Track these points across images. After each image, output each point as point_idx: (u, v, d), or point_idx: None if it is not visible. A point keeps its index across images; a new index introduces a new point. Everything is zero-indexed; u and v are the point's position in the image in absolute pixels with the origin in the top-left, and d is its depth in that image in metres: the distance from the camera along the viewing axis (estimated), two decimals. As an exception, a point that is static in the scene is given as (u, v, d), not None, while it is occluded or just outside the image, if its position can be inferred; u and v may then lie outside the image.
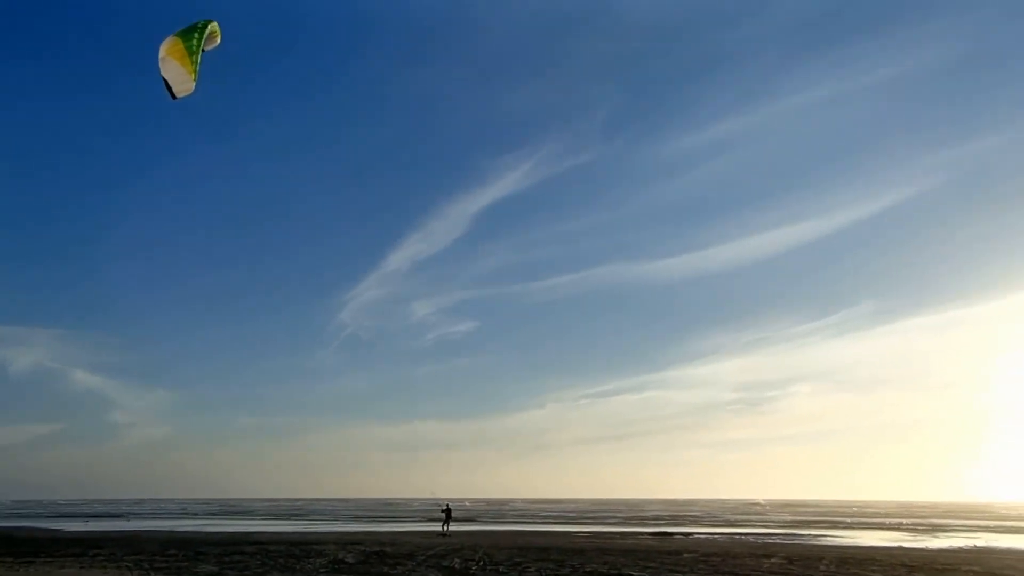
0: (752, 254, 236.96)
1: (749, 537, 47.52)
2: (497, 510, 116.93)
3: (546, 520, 78.28)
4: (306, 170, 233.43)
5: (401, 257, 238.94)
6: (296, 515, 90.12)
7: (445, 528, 44.99)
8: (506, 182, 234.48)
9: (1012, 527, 68.07)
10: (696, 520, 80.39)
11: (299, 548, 29.78)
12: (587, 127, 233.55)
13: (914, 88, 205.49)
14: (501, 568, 22.41)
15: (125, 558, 25.11)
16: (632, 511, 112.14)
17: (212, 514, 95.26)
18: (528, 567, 22.81)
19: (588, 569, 22.39)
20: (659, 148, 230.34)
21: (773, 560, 26.84)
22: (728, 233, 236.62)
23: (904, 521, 78.57)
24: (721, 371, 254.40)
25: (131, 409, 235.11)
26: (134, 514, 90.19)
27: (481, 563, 23.93)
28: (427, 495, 51.16)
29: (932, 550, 37.40)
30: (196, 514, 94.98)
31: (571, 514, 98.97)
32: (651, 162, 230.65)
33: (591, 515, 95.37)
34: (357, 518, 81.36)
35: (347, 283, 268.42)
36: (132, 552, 27.74)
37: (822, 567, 24.18)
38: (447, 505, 46.95)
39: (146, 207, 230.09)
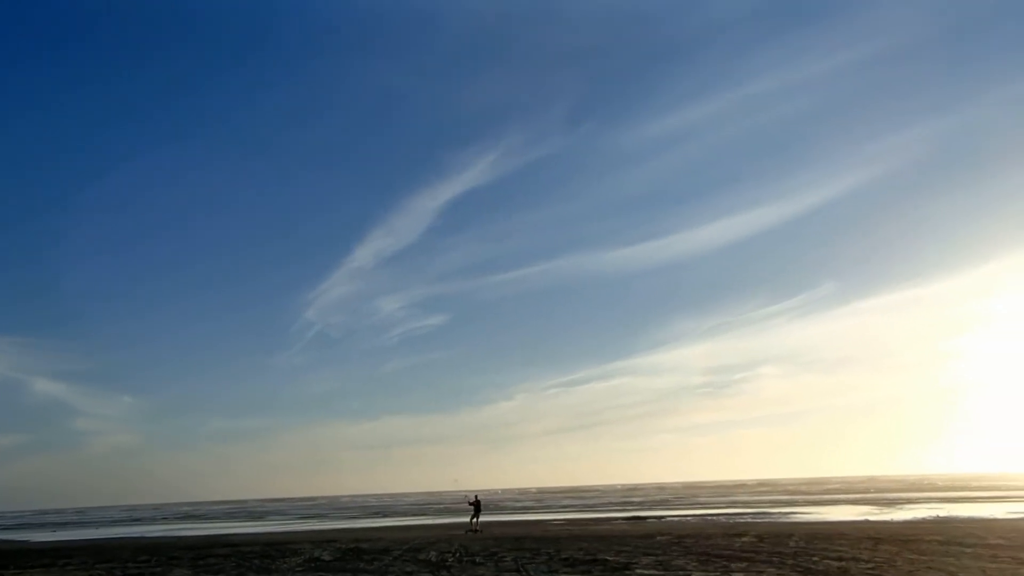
0: (714, 240, 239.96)
1: (721, 517, 48.29)
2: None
3: (519, 510, 78.66)
4: (267, 167, 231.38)
5: (366, 253, 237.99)
6: (269, 516, 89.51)
7: (475, 523, 40.69)
8: (469, 175, 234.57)
9: (970, 497, 69.95)
10: (669, 503, 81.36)
11: (273, 548, 29.67)
12: (548, 119, 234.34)
13: (868, 74, 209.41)
14: (477, 559, 22.57)
15: (96, 566, 24.82)
16: (605, 497, 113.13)
17: (183, 518, 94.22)
18: (504, 556, 22.99)
19: (564, 556, 22.63)
20: (619, 138, 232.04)
21: (745, 539, 27.33)
22: (690, 220, 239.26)
23: (870, 495, 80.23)
24: (688, 356, 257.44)
25: (96, 416, 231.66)
26: (103, 522, 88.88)
27: (457, 555, 24.07)
28: (451, 486, 49.15)
29: (897, 522, 38.36)
30: (167, 519, 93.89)
31: (544, 503, 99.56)
32: (612, 152, 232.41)
33: (564, 503, 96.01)
34: (331, 516, 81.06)
35: (312, 281, 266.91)
36: (103, 560, 27.42)
37: (792, 543, 24.69)
38: (475, 497, 42.31)
39: (105, 211, 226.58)
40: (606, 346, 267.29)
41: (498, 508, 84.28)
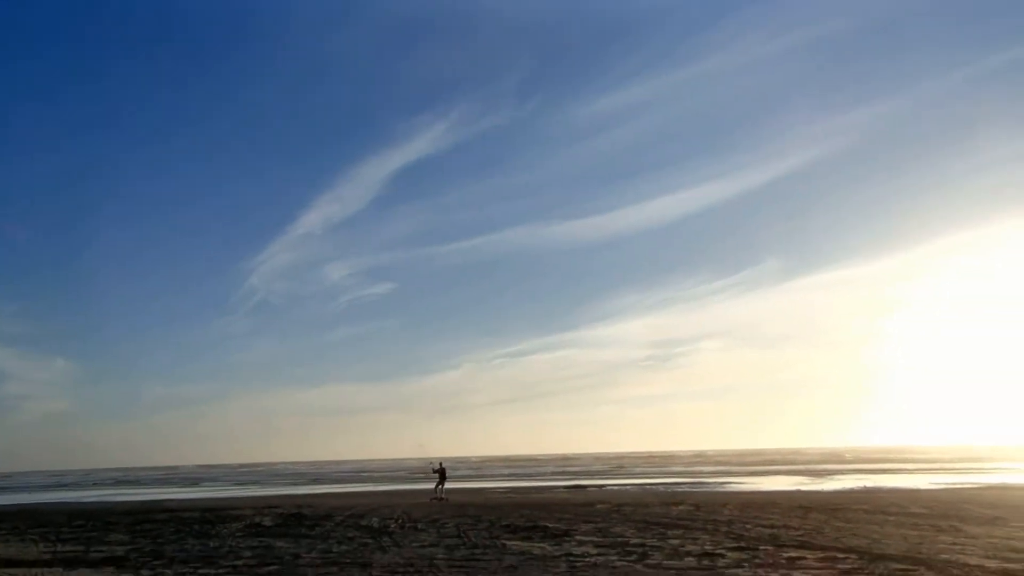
0: (660, 216, 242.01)
1: (659, 487, 49.40)
2: (414, 470, 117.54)
3: (462, 478, 79.25)
4: (212, 132, 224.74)
5: (312, 220, 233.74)
6: (208, 482, 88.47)
7: (439, 490, 38.83)
8: (419, 144, 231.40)
9: (895, 468, 72.90)
10: (609, 473, 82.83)
11: (213, 514, 29.40)
12: (501, 90, 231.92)
13: (813, 57, 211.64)
14: (419, 525, 22.75)
15: (30, 531, 24.30)
16: (546, 467, 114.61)
17: (117, 484, 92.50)
18: (446, 523, 23.22)
19: (505, 523, 22.95)
20: (569, 113, 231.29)
21: (681, 507, 28.06)
22: (636, 196, 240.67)
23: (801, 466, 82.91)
24: (632, 329, 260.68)
25: (28, 381, 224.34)
26: (32, 487, 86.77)
27: (399, 521, 24.21)
28: (416, 453, 43.41)
29: (827, 492, 39.79)
30: (99, 484, 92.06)
31: (486, 471, 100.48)
32: (561, 126, 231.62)
33: (506, 472, 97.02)
34: (272, 483, 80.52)
35: (256, 247, 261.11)
36: (37, 525, 26.84)
37: (726, 511, 25.46)
38: (440, 464, 40.57)
39: (44, 164, 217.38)
40: (551, 318, 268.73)
41: (449, 477, 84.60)
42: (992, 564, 13.19)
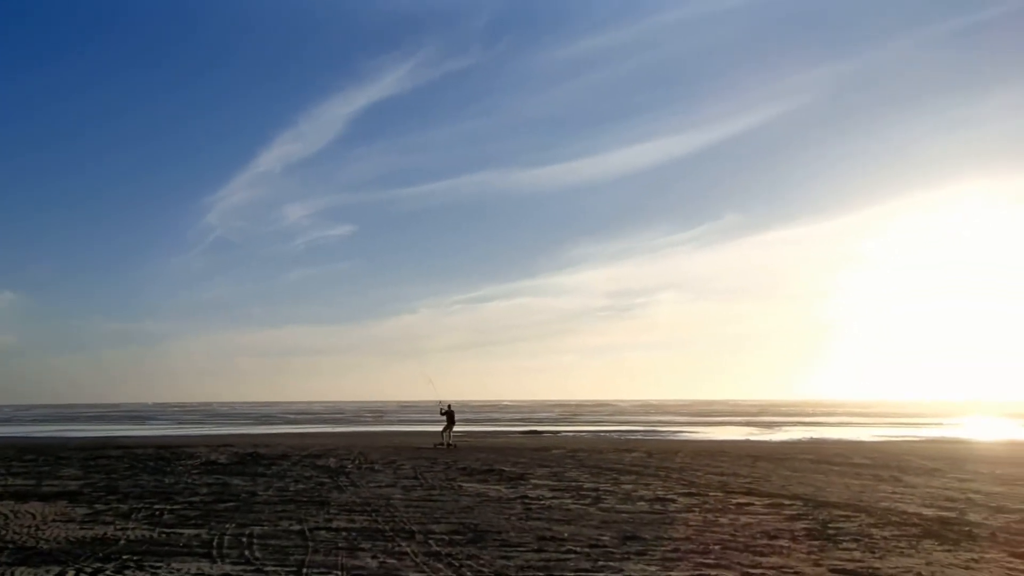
0: (623, 166, 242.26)
1: (612, 434, 50.40)
2: (372, 412, 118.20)
3: (419, 422, 79.91)
4: (170, 69, 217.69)
5: (272, 158, 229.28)
6: (163, 420, 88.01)
7: (447, 436, 34.18)
8: (384, 84, 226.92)
9: (841, 421, 75.28)
10: (565, 420, 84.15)
11: (168, 451, 29.29)
12: (468, 31, 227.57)
13: (781, 9, 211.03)
14: (376, 466, 22.94)
15: (-22, 464, 23.99)
16: (503, 413, 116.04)
17: (71, 419, 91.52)
18: (402, 464, 23.44)
19: (461, 466, 23.25)
20: (536, 58, 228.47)
21: (634, 454, 28.67)
22: (600, 145, 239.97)
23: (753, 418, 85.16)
24: (591, 279, 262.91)
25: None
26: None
27: (356, 462, 24.38)
28: (425, 386, 36.57)
29: (775, 442, 40.97)
30: (53, 420, 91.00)
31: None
32: (528, 72, 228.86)
33: (464, 417, 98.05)
34: (228, 422, 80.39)
35: (213, 184, 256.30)
36: (-15, 458, 26.50)
37: (678, 459, 26.09)
38: (448, 406, 35.56)
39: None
40: (511, 265, 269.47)
41: (405, 421, 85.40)
42: (928, 512, 13.75)
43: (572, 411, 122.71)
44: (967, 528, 12.04)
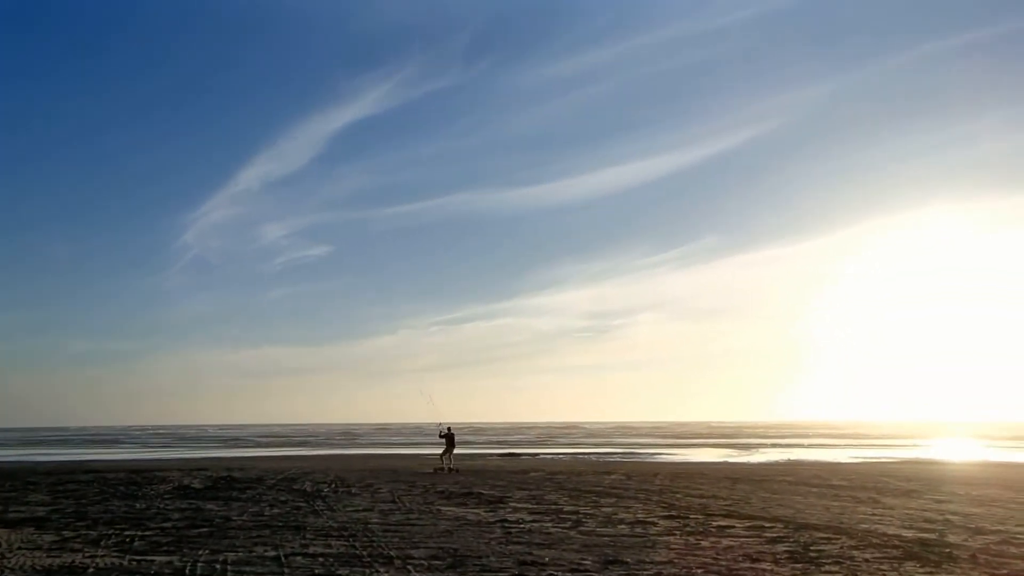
0: (603, 187, 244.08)
1: (591, 456, 50.23)
2: (350, 434, 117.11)
3: (397, 444, 79.26)
4: (146, 83, 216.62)
5: (251, 176, 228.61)
6: (135, 443, 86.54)
7: (446, 461, 31.87)
8: (364, 103, 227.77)
9: (817, 443, 75.62)
10: (543, 442, 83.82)
11: (140, 475, 28.73)
12: (449, 51, 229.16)
13: (761, 32, 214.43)
14: (353, 489, 22.62)
15: (-58, 490, 23.35)
16: (481, 434, 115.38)
17: (40, 443, 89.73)
18: (380, 488, 23.15)
19: (439, 489, 23.00)
20: (517, 77, 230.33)
21: (614, 476, 28.55)
22: (581, 166, 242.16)
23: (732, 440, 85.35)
24: (571, 300, 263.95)
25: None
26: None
27: (332, 485, 24.04)
28: (425, 406, 33.90)
29: (753, 464, 41.02)
30: (22, 443, 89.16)
31: (421, 438, 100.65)
32: (509, 91, 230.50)
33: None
34: (202, 445, 79.20)
35: (192, 203, 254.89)
36: (-50, 483, 25.82)
37: (657, 481, 25.99)
38: (448, 428, 33.33)
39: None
40: (491, 286, 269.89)
41: (383, 443, 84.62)
42: (908, 534, 13.75)
43: (550, 432, 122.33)
44: (947, 550, 12.03)
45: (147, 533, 13.94)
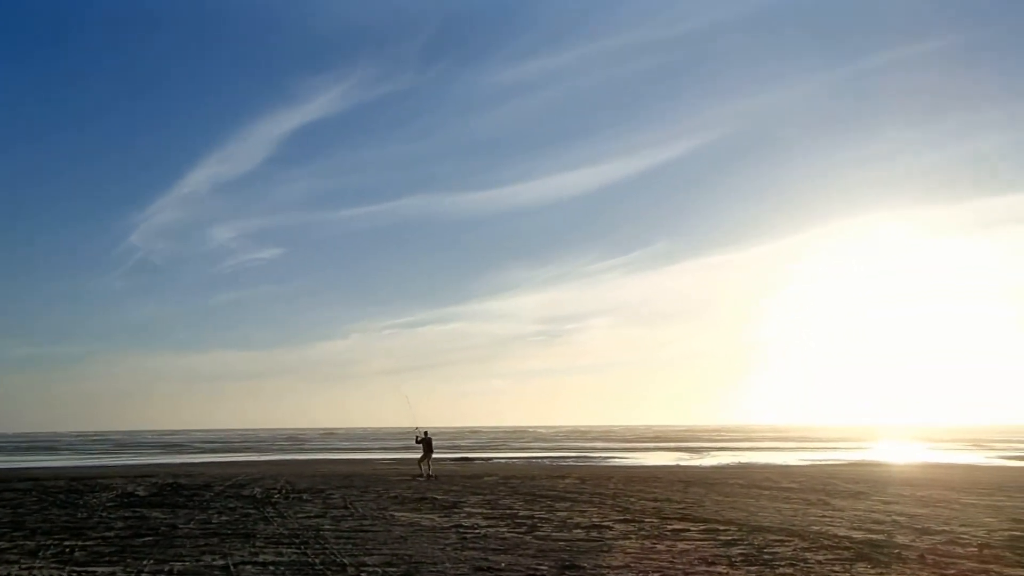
0: (556, 192, 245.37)
1: (545, 460, 50.24)
2: (299, 439, 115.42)
3: (348, 449, 78.36)
4: (93, 82, 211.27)
5: (200, 178, 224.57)
6: (77, 449, 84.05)
7: (425, 467, 30.30)
8: (316, 105, 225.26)
9: (767, 446, 76.83)
10: (496, 446, 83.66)
11: (81, 483, 27.83)
12: (403, 54, 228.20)
13: (712, 41, 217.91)
14: (304, 496, 22.20)
15: None
16: (436, 438, 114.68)
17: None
18: (332, 494, 22.76)
19: (393, 494, 22.71)
20: (472, 81, 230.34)
21: (568, 480, 28.55)
22: (535, 170, 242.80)
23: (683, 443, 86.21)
24: (524, 304, 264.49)
25: None
26: None
27: (283, 491, 23.57)
28: (403, 408, 32.70)
29: (705, 467, 41.44)
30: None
31: (373, 442, 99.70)
32: (463, 95, 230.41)
33: (394, 443, 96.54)
34: (147, 451, 77.24)
35: (138, 204, 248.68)
36: None
37: (611, 485, 26.06)
38: (425, 433, 31.15)
39: None
40: (444, 290, 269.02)
41: (335, 448, 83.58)
42: (858, 535, 13.95)
43: (503, 436, 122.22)
44: (896, 551, 12.23)
45: (88, 543, 13.44)
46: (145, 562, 11.46)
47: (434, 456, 32.38)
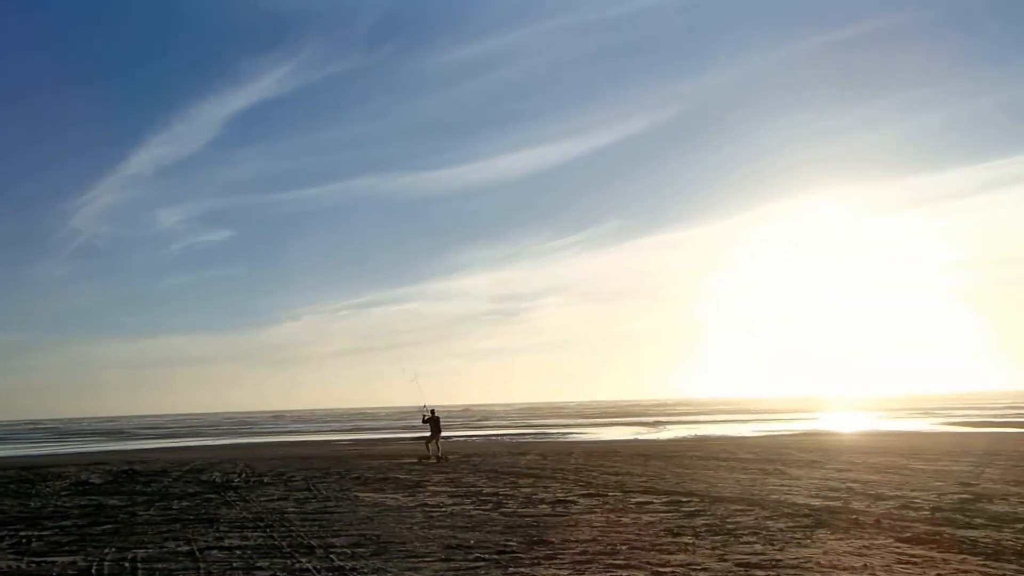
0: (508, 172, 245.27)
1: (505, 438, 50.50)
2: (256, 423, 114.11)
3: (306, 431, 77.70)
4: (33, 61, 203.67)
5: (144, 159, 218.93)
6: (24, 439, 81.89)
7: (432, 448, 28.57)
8: (263, 84, 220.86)
9: (720, 419, 78.32)
10: (455, 425, 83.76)
11: (32, 472, 27.14)
12: (351, 33, 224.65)
13: (662, 20, 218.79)
14: (266, 479, 21.98)
15: None
16: (393, 419, 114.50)
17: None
18: (293, 476, 22.58)
19: (355, 475, 22.62)
20: (422, 61, 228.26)
21: (529, 457, 28.76)
22: (487, 150, 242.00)
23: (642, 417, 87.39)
24: (478, 284, 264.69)
25: None
26: None
27: (243, 475, 23.31)
28: (409, 384, 30.42)
29: (663, 440, 42.09)
30: None
31: (331, 424, 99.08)
32: (414, 75, 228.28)
33: (352, 424, 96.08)
34: (98, 438, 75.61)
35: (80, 186, 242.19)
36: None
37: (572, 460, 26.32)
38: (432, 412, 29.53)
39: None
40: (398, 270, 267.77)
41: (292, 431, 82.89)
42: (816, 502, 14.33)
43: (461, 415, 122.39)
44: (853, 516, 12.59)
45: (45, 533, 13.13)
46: (106, 550, 11.24)
47: (397, 437, 32.24)
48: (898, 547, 10.04)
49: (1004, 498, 14.44)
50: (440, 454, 28.38)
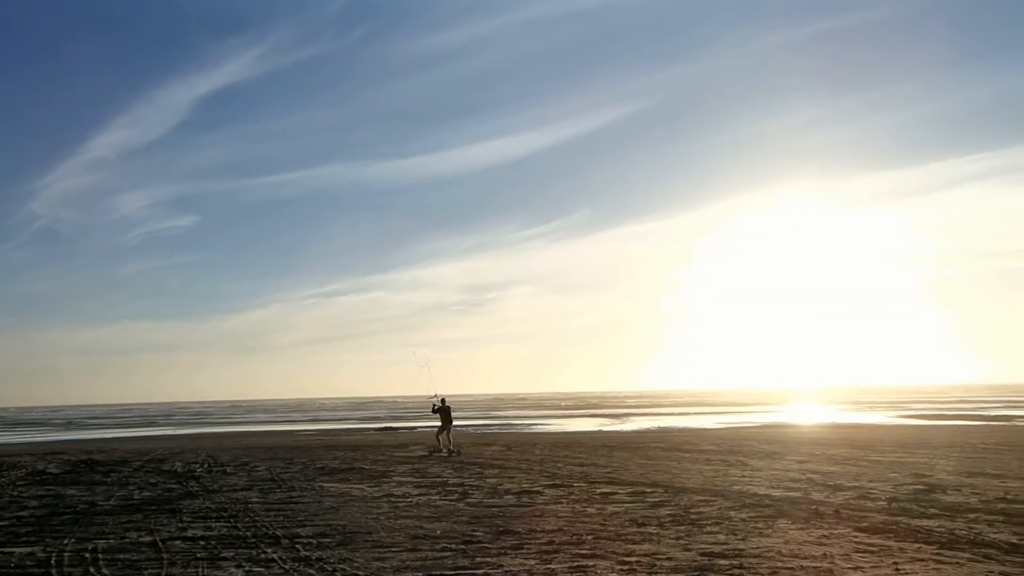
0: (476, 161, 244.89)
1: (469, 429, 50.54)
2: (218, 413, 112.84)
3: (271, 421, 77.08)
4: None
5: (106, 143, 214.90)
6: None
7: (443, 440, 26.38)
8: (230, 69, 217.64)
9: (683, 411, 79.25)
10: (419, 415, 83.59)
11: (-13, 461, 26.56)
12: (319, 19, 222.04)
13: (631, 12, 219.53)
14: (228, 469, 21.78)
15: None
16: (358, 409, 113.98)
17: None
18: (257, 466, 22.40)
19: (319, 465, 22.51)
20: (392, 48, 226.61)
21: (494, 448, 28.83)
22: (456, 139, 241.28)
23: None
24: (445, 273, 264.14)
25: None
26: None
27: (206, 465, 23.06)
28: (420, 371, 28.36)
29: (626, 432, 42.46)
30: None
31: (296, 414, 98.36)
32: (384, 62, 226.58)
33: (318, 414, 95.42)
34: (55, 427, 74.20)
35: (39, 169, 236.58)
36: None
37: (537, 451, 26.45)
38: (443, 401, 27.20)
39: None
40: (365, 259, 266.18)
41: (257, 420, 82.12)
42: (777, 493, 14.60)
43: (425, 406, 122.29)
44: (813, 507, 12.85)
45: (2, 524, 12.89)
46: (66, 541, 11.07)
47: (362, 427, 32.02)
48: (856, 536, 10.28)
49: (957, 489, 14.84)
50: (452, 447, 26.09)
